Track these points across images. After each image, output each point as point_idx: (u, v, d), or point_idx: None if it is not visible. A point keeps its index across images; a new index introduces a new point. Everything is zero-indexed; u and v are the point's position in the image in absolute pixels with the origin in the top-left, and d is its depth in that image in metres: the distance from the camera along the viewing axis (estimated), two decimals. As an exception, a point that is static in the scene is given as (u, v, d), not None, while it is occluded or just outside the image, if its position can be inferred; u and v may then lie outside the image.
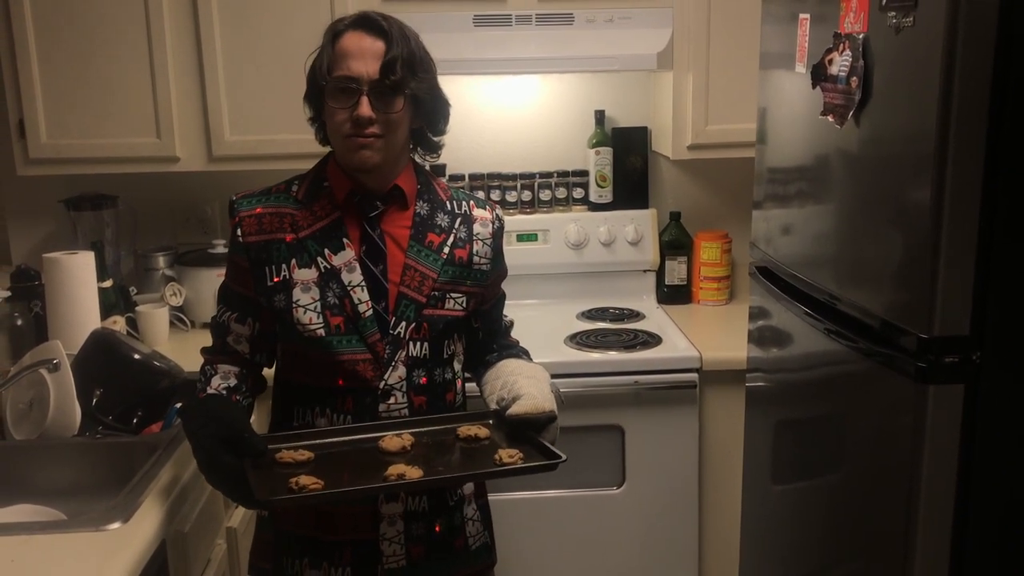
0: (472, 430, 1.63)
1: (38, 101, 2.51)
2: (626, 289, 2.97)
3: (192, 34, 2.52)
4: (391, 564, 1.65)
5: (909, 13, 1.48)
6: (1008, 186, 1.43)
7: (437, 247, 1.68)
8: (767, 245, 2.13)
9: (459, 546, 1.72)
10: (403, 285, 1.64)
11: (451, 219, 1.72)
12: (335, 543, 1.65)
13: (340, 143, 1.62)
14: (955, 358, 1.48)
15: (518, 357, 1.81)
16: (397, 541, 1.65)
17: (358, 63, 1.57)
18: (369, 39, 1.59)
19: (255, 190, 1.69)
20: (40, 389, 1.97)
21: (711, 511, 2.55)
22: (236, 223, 1.65)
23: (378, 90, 1.58)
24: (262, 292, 1.64)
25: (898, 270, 1.56)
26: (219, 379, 1.66)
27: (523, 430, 1.59)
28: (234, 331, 1.68)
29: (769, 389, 2.19)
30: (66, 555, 1.46)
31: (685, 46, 2.62)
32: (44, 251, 2.41)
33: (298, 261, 1.63)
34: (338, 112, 1.59)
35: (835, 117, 1.72)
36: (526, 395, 1.62)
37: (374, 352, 1.62)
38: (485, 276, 1.74)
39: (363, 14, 1.63)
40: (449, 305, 1.68)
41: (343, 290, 1.62)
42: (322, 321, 1.61)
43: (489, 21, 2.58)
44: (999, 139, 1.42)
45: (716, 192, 3.03)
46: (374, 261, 1.64)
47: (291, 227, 1.64)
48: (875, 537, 1.65)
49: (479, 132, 2.99)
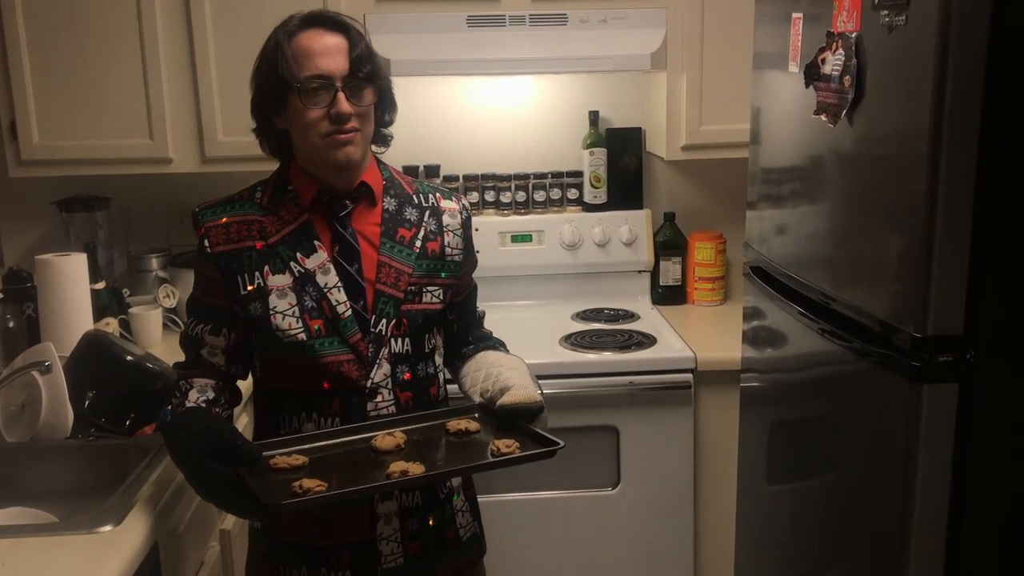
0: (462, 424, 1.63)
1: (30, 102, 2.50)
2: (621, 290, 2.97)
3: (185, 35, 2.52)
4: (389, 563, 1.65)
5: (902, 12, 1.48)
6: (1001, 184, 1.43)
7: (409, 241, 1.68)
8: (761, 245, 2.12)
9: (451, 538, 1.72)
10: (379, 283, 1.64)
11: (419, 212, 1.71)
12: (332, 547, 1.64)
13: (317, 143, 1.59)
14: (949, 357, 1.48)
15: (495, 348, 1.81)
16: (394, 539, 1.65)
17: (326, 60, 1.56)
18: (330, 36, 1.58)
19: (217, 199, 1.67)
20: (32, 391, 1.96)
21: (706, 511, 2.55)
22: (202, 234, 1.63)
23: (352, 85, 1.58)
24: (236, 301, 1.62)
25: (892, 269, 1.55)
26: (196, 393, 1.62)
27: (515, 420, 1.60)
28: (208, 343, 1.65)
29: (764, 389, 2.18)
30: (58, 558, 1.45)
31: (679, 46, 2.63)
32: (36, 253, 2.39)
33: (271, 267, 1.61)
34: (312, 112, 1.57)
35: (828, 116, 1.72)
36: (515, 385, 1.62)
37: (357, 352, 1.62)
38: (459, 267, 1.74)
39: (315, 12, 1.62)
40: (426, 299, 1.68)
41: (320, 292, 1.61)
42: (302, 326, 1.60)
43: (483, 21, 2.58)
44: (992, 138, 1.42)
45: (710, 192, 3.03)
46: (348, 260, 1.63)
47: (260, 234, 1.62)
48: (870, 537, 1.65)
49: (473, 133, 2.99)
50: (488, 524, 1.84)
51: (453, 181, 2.92)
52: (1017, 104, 1.41)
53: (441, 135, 2.97)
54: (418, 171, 2.90)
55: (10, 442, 1.97)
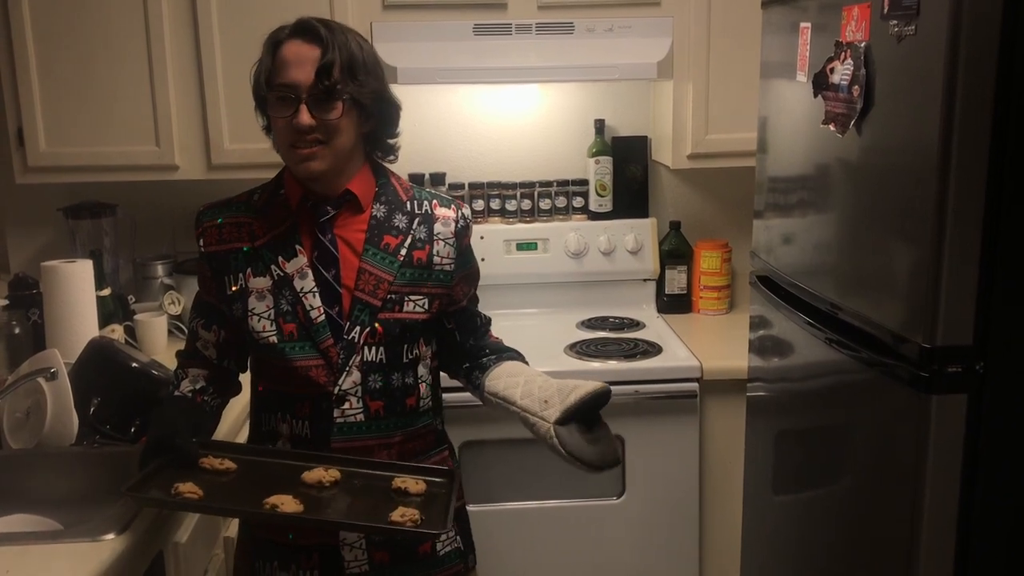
0: (406, 483, 1.59)
1: (37, 109, 2.51)
2: (626, 298, 2.97)
3: (192, 42, 2.52)
4: (353, 569, 1.65)
5: (911, 22, 1.48)
6: (1011, 195, 1.43)
7: (394, 249, 1.66)
8: (768, 254, 2.12)
9: (424, 551, 1.70)
10: (357, 290, 1.64)
11: (409, 220, 1.69)
12: (303, 547, 1.66)
13: (285, 152, 1.63)
14: (958, 368, 1.47)
15: (514, 359, 1.77)
16: (358, 546, 1.65)
17: (295, 70, 1.57)
18: (307, 46, 1.58)
19: (221, 201, 1.72)
20: (37, 398, 1.96)
21: (712, 521, 2.54)
22: (199, 234, 1.70)
23: (315, 96, 1.57)
24: (223, 301, 1.68)
25: (900, 279, 1.55)
26: (188, 382, 1.72)
27: (594, 409, 1.60)
28: (202, 337, 1.73)
29: (770, 399, 2.18)
30: (61, 565, 1.44)
31: (685, 55, 2.62)
32: (42, 259, 2.39)
33: (253, 270, 1.66)
34: (279, 121, 1.60)
35: (836, 126, 1.71)
36: (578, 384, 1.60)
37: (327, 357, 1.62)
38: (449, 276, 1.71)
39: (302, 21, 1.61)
40: (408, 308, 1.66)
41: (295, 297, 1.63)
42: (275, 328, 1.64)
43: (489, 30, 2.58)
44: (1002, 148, 1.41)
45: (716, 201, 3.03)
46: (325, 266, 1.64)
47: (248, 236, 1.67)
48: (878, 548, 1.64)
49: (479, 141, 2.99)
50: (492, 533, 1.84)
51: (459, 189, 2.92)
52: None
53: (447, 143, 2.97)
54: (423, 179, 2.90)
55: (15, 449, 1.97)
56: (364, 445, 1.65)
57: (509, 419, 1.65)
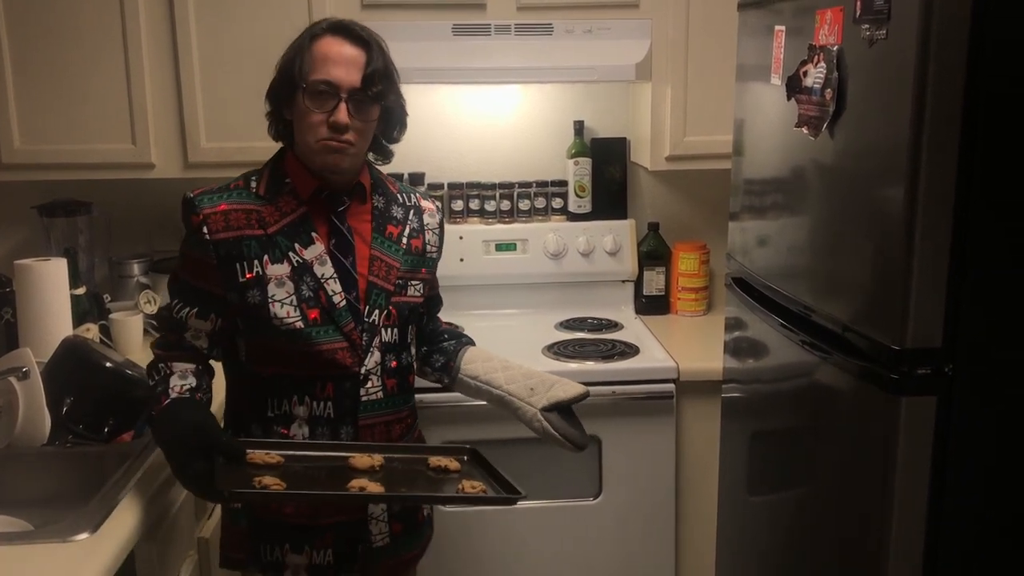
0: (443, 461, 1.70)
1: (11, 106, 2.48)
2: (604, 299, 2.97)
3: (168, 40, 2.51)
4: (378, 542, 1.74)
5: (882, 26, 1.49)
6: (980, 198, 1.44)
7: (396, 238, 1.78)
8: (743, 256, 2.13)
9: (420, 520, 1.85)
10: (372, 275, 1.72)
11: (404, 211, 1.81)
12: (317, 528, 1.71)
13: (312, 144, 1.67)
14: (927, 370, 1.48)
15: (474, 345, 1.94)
16: (383, 519, 1.75)
17: (339, 70, 1.63)
18: (350, 47, 1.66)
19: (212, 187, 1.71)
20: (9, 398, 1.94)
21: (688, 521, 2.55)
22: (200, 220, 1.66)
23: (357, 99, 1.65)
24: (233, 288, 1.66)
25: (871, 282, 1.56)
26: (178, 379, 1.67)
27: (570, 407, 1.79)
28: (193, 327, 1.70)
29: (745, 400, 2.19)
30: (32, 566, 1.43)
31: (664, 57, 2.63)
32: (16, 258, 2.37)
33: (270, 256, 1.67)
34: (314, 114, 1.64)
35: (809, 129, 1.73)
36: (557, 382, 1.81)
37: (350, 340, 1.69)
38: (435, 263, 1.86)
39: (342, 22, 1.69)
40: (411, 292, 1.78)
41: (317, 283, 1.68)
42: (299, 314, 1.66)
43: (468, 30, 2.58)
44: (972, 150, 1.43)
45: (694, 203, 3.04)
46: (343, 253, 1.71)
47: (259, 223, 1.68)
48: (848, 548, 1.65)
49: (458, 141, 2.99)
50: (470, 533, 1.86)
51: (438, 189, 2.92)
52: (996, 117, 1.42)
53: (426, 143, 2.96)
54: (403, 178, 2.89)
55: (-14, 449, 1.95)
56: (384, 420, 1.74)
57: (484, 419, 1.68)
